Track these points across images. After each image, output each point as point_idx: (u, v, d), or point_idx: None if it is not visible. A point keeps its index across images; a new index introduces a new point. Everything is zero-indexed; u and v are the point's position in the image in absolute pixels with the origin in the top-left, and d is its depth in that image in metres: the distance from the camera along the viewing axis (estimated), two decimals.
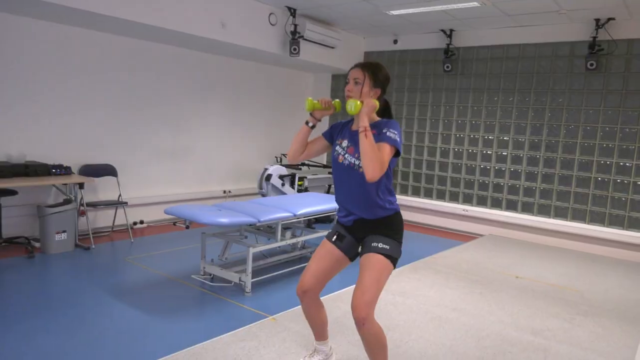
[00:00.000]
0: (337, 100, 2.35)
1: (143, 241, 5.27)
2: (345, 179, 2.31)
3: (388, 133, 2.14)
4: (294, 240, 4.40)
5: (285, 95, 7.74)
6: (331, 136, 2.43)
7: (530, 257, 5.37)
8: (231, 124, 6.92)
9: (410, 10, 5.71)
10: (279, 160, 7.49)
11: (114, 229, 5.54)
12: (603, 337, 3.28)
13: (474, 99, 6.64)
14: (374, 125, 2.20)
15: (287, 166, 6.43)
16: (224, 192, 6.80)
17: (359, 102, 2.14)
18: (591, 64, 5.64)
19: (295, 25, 6.04)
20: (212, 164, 6.72)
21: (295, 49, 6.04)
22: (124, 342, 2.90)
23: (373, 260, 2.21)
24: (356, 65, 2.27)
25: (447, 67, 6.65)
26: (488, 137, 6.56)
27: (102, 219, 5.49)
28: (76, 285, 3.82)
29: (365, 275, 2.18)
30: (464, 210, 6.70)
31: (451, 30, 6.60)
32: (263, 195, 6.01)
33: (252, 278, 3.84)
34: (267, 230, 4.51)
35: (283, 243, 4.25)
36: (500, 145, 6.48)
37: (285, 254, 4.70)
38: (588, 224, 5.89)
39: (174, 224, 3.84)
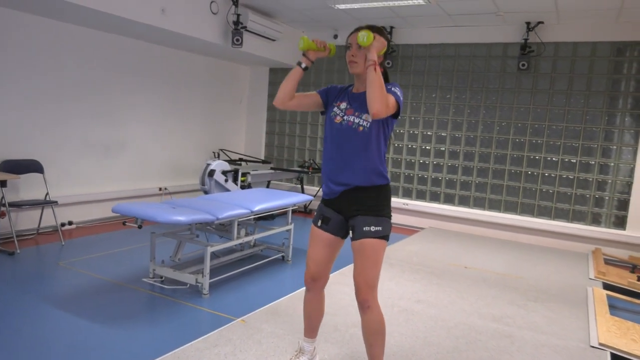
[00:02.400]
0: (332, 43, 2.26)
1: (75, 243, 4.81)
2: (342, 141, 2.19)
3: (393, 89, 2.13)
4: (249, 238, 4.22)
5: (223, 88, 7.46)
6: (327, 96, 2.32)
7: (471, 247, 5.60)
8: (167, 118, 6.53)
9: (356, 5, 5.70)
10: (216, 155, 7.20)
11: (39, 232, 5.01)
12: (556, 321, 3.47)
13: (413, 95, 6.81)
14: None
15: (229, 161, 6.19)
16: (160, 189, 6.41)
17: (372, 34, 2.05)
18: (523, 65, 5.98)
19: (238, 15, 5.81)
20: (147, 160, 6.30)
21: (238, 40, 5.82)
22: (78, 355, 2.59)
23: (367, 247, 2.16)
24: (360, 28, 2.17)
25: (388, 63, 6.74)
26: (427, 132, 6.76)
27: (25, 220, 4.94)
28: (6, 295, 3.38)
29: (364, 262, 2.16)
30: (404, 204, 6.85)
31: (391, 28, 6.71)
32: (205, 192, 5.74)
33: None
34: (220, 228, 4.30)
35: (240, 241, 4.06)
36: (438, 140, 6.70)
37: (238, 253, 4.51)
38: (519, 215, 6.26)
39: (124, 223, 3.52)
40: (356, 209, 2.21)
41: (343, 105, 2.24)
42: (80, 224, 5.46)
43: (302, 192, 7.19)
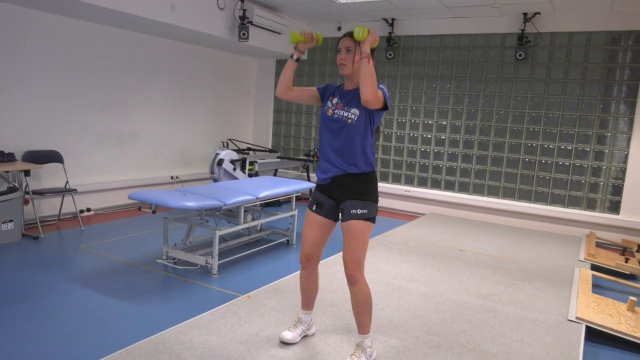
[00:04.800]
0: (319, 32, 2.53)
1: (94, 229, 5.15)
2: (334, 132, 2.47)
3: (380, 85, 2.38)
4: (255, 223, 4.52)
5: (230, 80, 7.73)
6: (323, 92, 2.60)
7: (469, 232, 5.85)
8: (177, 109, 6.83)
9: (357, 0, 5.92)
10: (225, 145, 7.49)
11: (60, 218, 5.35)
12: (540, 299, 3.72)
13: (414, 85, 7.02)
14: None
15: (237, 151, 6.47)
16: (172, 177, 6.73)
17: (366, 29, 2.31)
18: (520, 55, 6.16)
19: (244, 10, 6.06)
20: (159, 150, 6.62)
21: (244, 34, 6.06)
22: (101, 327, 2.91)
23: (354, 228, 2.43)
24: (346, 35, 2.45)
25: (390, 54, 6.96)
26: (427, 121, 6.98)
27: (47, 207, 5.28)
28: (34, 275, 3.71)
29: (351, 241, 2.43)
30: (406, 191, 7.10)
31: (393, 19, 6.90)
32: (215, 180, 6.03)
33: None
34: (228, 213, 4.59)
35: (246, 226, 4.36)
36: (439, 129, 6.92)
37: (245, 237, 4.81)
38: (517, 200, 6.48)
39: (139, 209, 3.82)
40: (345, 194, 2.48)
41: (335, 100, 2.53)
42: (98, 210, 5.80)
43: (308, 180, 7.45)
